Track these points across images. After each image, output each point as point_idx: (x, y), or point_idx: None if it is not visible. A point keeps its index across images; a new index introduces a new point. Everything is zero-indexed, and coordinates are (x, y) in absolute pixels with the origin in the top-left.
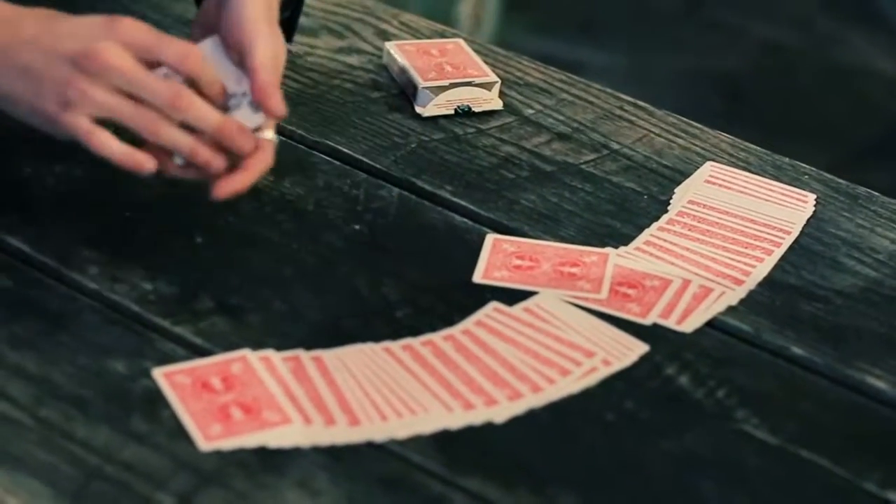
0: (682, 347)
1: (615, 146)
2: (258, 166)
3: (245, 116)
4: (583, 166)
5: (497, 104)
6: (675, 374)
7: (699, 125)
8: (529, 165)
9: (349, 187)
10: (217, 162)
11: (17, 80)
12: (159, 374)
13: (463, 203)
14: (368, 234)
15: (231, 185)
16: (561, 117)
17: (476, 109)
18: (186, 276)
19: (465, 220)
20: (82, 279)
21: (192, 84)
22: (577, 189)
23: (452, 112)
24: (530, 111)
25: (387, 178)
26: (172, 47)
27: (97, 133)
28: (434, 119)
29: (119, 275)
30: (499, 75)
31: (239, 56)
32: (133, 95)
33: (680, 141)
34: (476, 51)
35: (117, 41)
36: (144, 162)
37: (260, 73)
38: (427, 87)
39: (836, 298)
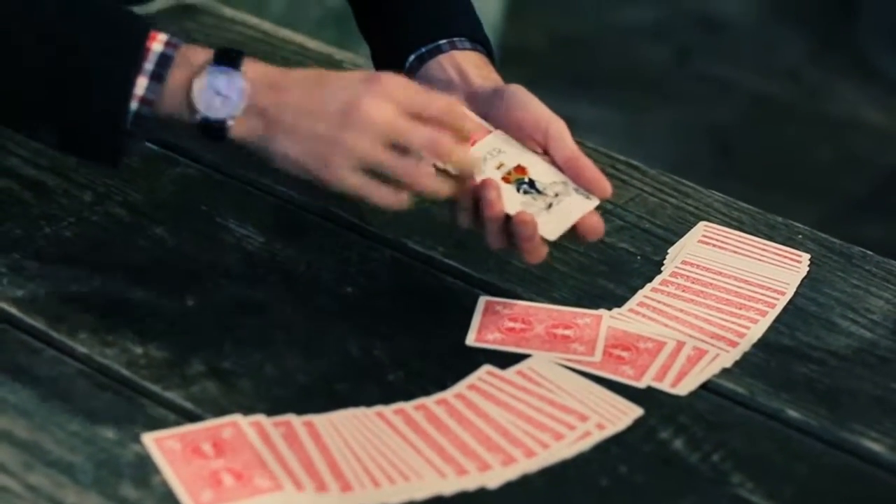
0: (676, 411)
1: (608, 206)
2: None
3: (578, 202)
4: None
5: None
6: (670, 438)
7: (692, 184)
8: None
9: (341, 249)
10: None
11: (286, 140)
12: (150, 439)
13: (455, 265)
14: (360, 296)
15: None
16: None
17: None
18: (177, 341)
19: (458, 281)
20: (72, 343)
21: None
22: (570, 250)
23: None
24: None
25: (378, 239)
26: (436, 101)
27: (374, 187)
28: None
29: (109, 339)
30: None
31: (541, 146)
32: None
33: (673, 200)
34: None
35: (379, 96)
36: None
37: (582, 158)
38: None
39: (830, 360)
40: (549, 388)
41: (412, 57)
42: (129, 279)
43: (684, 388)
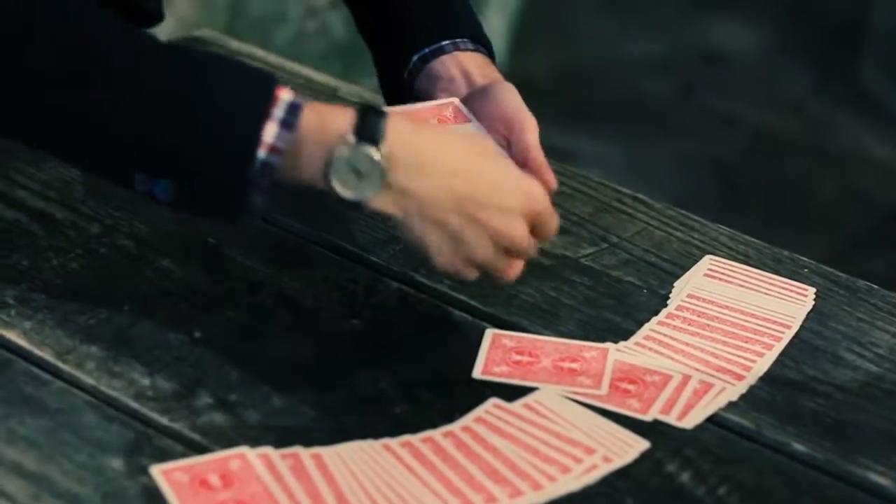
0: (683, 444)
1: (614, 239)
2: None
3: None
4: (582, 260)
5: None
6: (677, 471)
7: (698, 218)
8: (528, 259)
9: (347, 281)
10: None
11: (433, 232)
12: (157, 471)
13: (462, 297)
14: (367, 328)
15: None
16: (560, 210)
17: None
18: (184, 372)
19: (464, 314)
20: (80, 374)
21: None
22: (577, 283)
23: None
24: None
25: (385, 272)
26: (553, 222)
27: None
28: None
29: (117, 370)
30: None
31: (506, 138)
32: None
33: (678, 234)
34: None
35: (527, 213)
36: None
37: (535, 151)
38: None
39: (836, 394)
40: (556, 421)
41: (415, 57)
42: (136, 311)
43: (690, 422)
